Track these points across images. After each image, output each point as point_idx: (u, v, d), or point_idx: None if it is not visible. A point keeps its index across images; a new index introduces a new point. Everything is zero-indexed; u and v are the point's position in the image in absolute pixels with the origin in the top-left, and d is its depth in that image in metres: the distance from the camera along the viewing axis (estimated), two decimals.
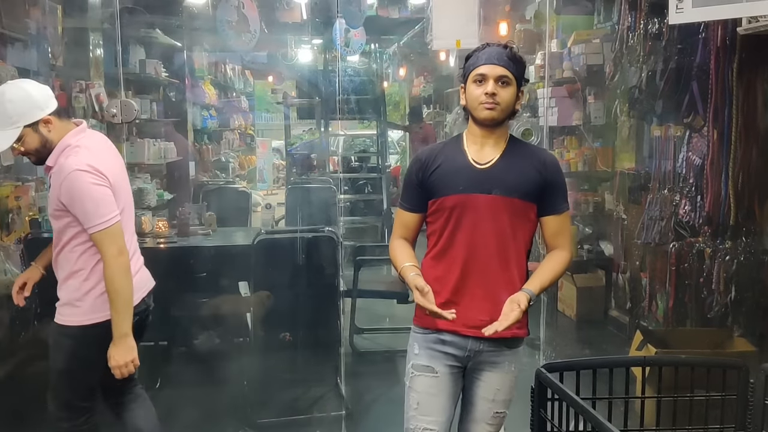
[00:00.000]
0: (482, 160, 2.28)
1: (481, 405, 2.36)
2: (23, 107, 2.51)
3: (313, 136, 8.52)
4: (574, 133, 5.88)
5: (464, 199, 2.26)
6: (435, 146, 2.40)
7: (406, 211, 2.40)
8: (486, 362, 2.33)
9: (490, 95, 2.20)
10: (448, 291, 2.28)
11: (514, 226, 2.27)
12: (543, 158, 2.33)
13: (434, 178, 2.30)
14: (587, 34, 5.53)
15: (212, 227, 4.98)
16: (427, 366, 2.32)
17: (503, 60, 2.23)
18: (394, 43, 10.16)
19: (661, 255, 4.38)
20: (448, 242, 2.29)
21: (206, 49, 7.96)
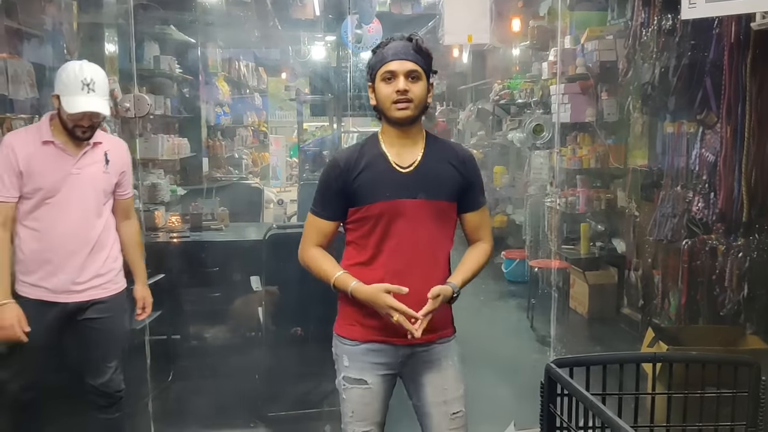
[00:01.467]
0: (404, 163, 2.22)
1: (435, 412, 2.29)
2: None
3: (325, 133, 8.53)
4: (587, 130, 5.86)
5: (391, 205, 2.19)
6: (352, 150, 2.28)
7: (321, 218, 2.29)
8: (421, 363, 2.28)
9: (402, 92, 2.13)
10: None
11: (440, 227, 2.25)
12: (462, 156, 2.29)
13: (357, 185, 2.20)
14: (600, 30, 5.50)
15: (225, 222, 5.02)
16: (358, 379, 2.27)
17: (411, 54, 2.15)
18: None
19: (673, 252, 4.35)
20: (376, 250, 2.22)
21: (220, 45, 7.99)
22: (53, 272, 2.75)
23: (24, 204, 2.73)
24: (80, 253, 2.77)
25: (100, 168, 2.81)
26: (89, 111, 2.68)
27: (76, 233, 2.77)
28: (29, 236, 2.74)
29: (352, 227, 2.26)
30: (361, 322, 2.25)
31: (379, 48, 2.22)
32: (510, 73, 7.66)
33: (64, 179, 2.73)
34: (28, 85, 4.07)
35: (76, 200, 2.75)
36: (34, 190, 2.70)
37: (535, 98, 6.37)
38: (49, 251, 2.74)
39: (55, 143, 2.73)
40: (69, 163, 2.74)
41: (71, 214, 2.75)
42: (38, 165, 2.69)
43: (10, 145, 2.70)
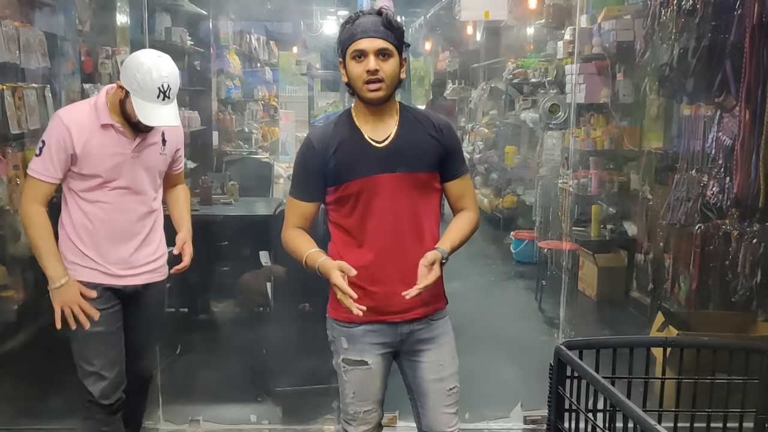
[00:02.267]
0: (379, 137, 2.18)
1: (432, 389, 2.30)
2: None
3: (336, 109, 8.49)
4: (602, 111, 5.79)
5: (369, 181, 2.16)
6: (325, 128, 2.24)
7: (300, 200, 2.26)
8: (419, 341, 2.28)
9: (372, 72, 2.08)
10: (365, 280, 2.18)
11: (423, 199, 2.22)
12: (438, 124, 2.24)
13: (333, 163, 2.17)
14: (618, 9, 5.41)
15: (234, 197, 5.01)
16: (359, 360, 2.26)
17: (380, 31, 2.09)
18: (420, 16, 10.06)
19: (686, 236, 4.32)
20: (359, 229, 2.20)
21: (231, 18, 7.92)
22: (112, 256, 2.62)
23: (79, 184, 2.58)
24: (138, 237, 2.66)
25: (157, 149, 2.66)
26: (164, 125, 2.53)
27: (134, 217, 2.65)
28: (87, 219, 2.59)
29: (333, 207, 2.24)
30: (355, 303, 2.20)
31: (347, 23, 2.15)
32: (524, 52, 7.58)
33: (123, 164, 2.57)
34: (39, 54, 4.04)
35: (134, 184, 2.61)
36: (92, 174, 2.55)
37: (549, 78, 6.29)
38: (109, 234, 2.60)
39: (115, 126, 2.54)
40: (128, 147, 2.57)
41: (129, 198, 2.62)
42: (97, 150, 2.52)
43: (65, 125, 2.51)
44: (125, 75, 2.47)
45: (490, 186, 8.40)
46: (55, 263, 2.54)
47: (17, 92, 3.77)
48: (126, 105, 2.49)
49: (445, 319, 2.34)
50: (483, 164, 8.63)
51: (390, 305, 2.20)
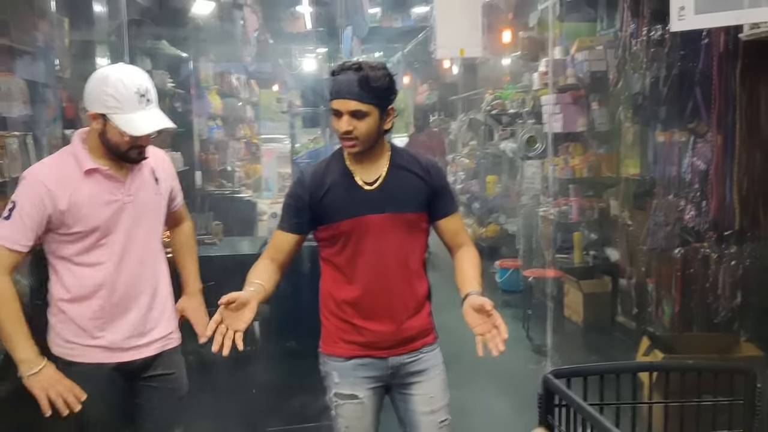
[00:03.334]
0: (370, 178, 2.25)
1: (424, 422, 2.31)
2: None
3: (317, 145, 8.55)
4: (579, 140, 5.90)
5: (359, 222, 2.22)
6: (317, 168, 2.30)
7: (282, 231, 2.29)
8: (409, 374, 2.31)
9: (345, 132, 2.15)
10: (354, 316, 2.27)
11: (410, 239, 2.28)
12: (426, 165, 2.31)
13: (325, 203, 2.23)
14: (590, 41, 5.56)
15: (219, 237, 5.01)
16: (350, 395, 2.29)
17: (354, 92, 2.11)
18: (397, 51, 10.22)
19: (666, 260, 4.38)
20: (349, 267, 2.25)
21: (212, 59, 8.02)
22: (117, 324, 2.29)
23: (72, 247, 2.23)
24: (145, 296, 2.34)
25: (151, 190, 2.34)
26: (159, 129, 2.21)
27: (141, 272, 2.32)
28: (83, 284, 2.25)
29: (324, 244, 2.30)
30: (343, 338, 2.30)
31: (331, 75, 2.22)
32: (501, 84, 7.72)
33: (120, 212, 2.25)
34: (21, 102, 4.06)
35: (136, 235, 2.30)
36: (86, 230, 2.21)
37: (526, 108, 6.41)
38: (112, 299, 2.27)
39: (101, 170, 2.22)
40: (120, 192, 2.25)
41: (132, 252, 2.29)
42: (87, 201, 2.19)
43: (42, 182, 2.16)
44: (94, 100, 2.18)
45: (473, 215, 8.48)
46: (27, 345, 2.17)
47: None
48: (108, 134, 2.19)
49: (435, 352, 2.36)
50: (465, 194, 8.72)
51: (378, 341, 2.25)
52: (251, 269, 2.31)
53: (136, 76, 2.20)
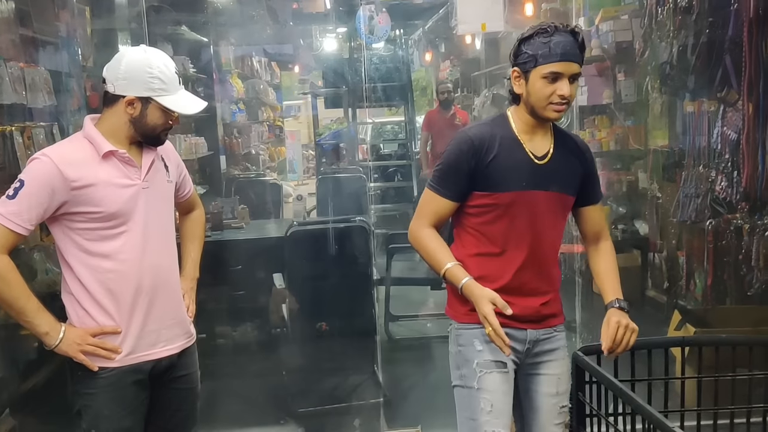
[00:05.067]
0: (539, 152, 2.13)
1: (545, 404, 2.22)
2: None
3: (341, 126, 8.55)
4: (605, 112, 5.80)
5: (523, 196, 2.11)
6: (484, 129, 2.14)
7: (443, 197, 2.14)
8: (542, 352, 2.23)
9: (563, 97, 2.02)
10: (500, 289, 2.11)
11: (561, 220, 2.21)
12: (582, 147, 2.23)
13: (491, 169, 2.10)
14: (615, 10, 5.43)
15: (245, 220, 5.05)
16: (496, 361, 2.13)
17: (577, 55, 2.03)
18: (419, 28, 10.11)
19: (698, 233, 4.32)
20: (503, 240, 2.14)
21: (232, 43, 8.01)
22: (142, 320, 2.19)
23: (90, 235, 2.13)
24: (167, 288, 2.25)
25: (164, 177, 2.28)
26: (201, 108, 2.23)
27: (162, 263, 2.24)
28: (102, 280, 2.14)
29: (474, 212, 2.16)
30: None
31: (538, 36, 2.04)
32: None
33: (136, 197, 2.16)
34: (45, 92, 4.10)
35: (154, 222, 2.21)
36: (104, 214, 2.11)
37: None
38: (134, 293, 2.17)
39: (118, 154, 2.15)
40: (136, 177, 2.18)
41: (153, 241, 2.20)
42: (104, 183, 2.11)
43: (55, 164, 2.07)
44: (136, 84, 2.12)
45: None
46: (44, 318, 2.11)
47: (26, 132, 3.82)
48: (147, 117, 2.14)
49: (564, 333, 2.30)
50: None
51: (522, 316, 2.14)
52: (430, 244, 2.15)
53: (166, 58, 2.19)
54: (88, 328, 2.14)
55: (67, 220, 2.12)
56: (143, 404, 2.24)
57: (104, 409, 2.16)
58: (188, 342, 2.34)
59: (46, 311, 2.13)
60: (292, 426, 3.70)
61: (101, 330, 2.14)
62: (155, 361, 2.22)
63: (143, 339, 2.19)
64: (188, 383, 2.35)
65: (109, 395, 2.16)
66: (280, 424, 3.71)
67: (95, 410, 2.17)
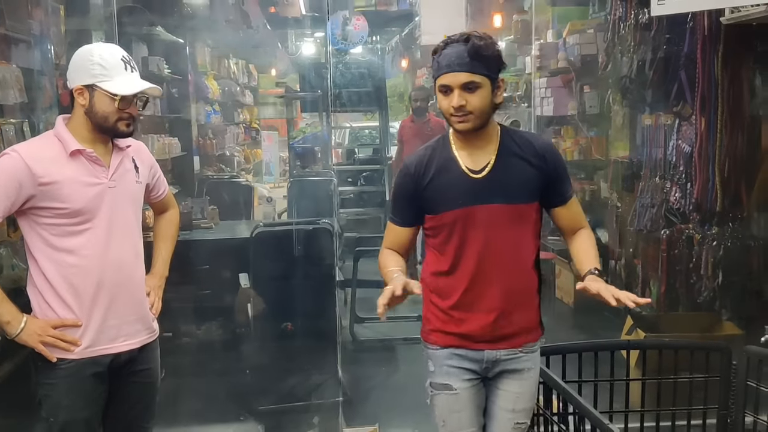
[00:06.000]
0: (477, 166, 2.11)
1: (501, 416, 2.21)
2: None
3: (315, 129, 8.61)
4: (570, 123, 5.94)
5: (464, 212, 2.10)
6: (422, 154, 2.18)
7: (396, 225, 2.23)
8: (505, 370, 2.20)
9: (457, 108, 2.02)
10: (454, 307, 2.16)
11: (520, 230, 2.14)
12: (540, 149, 2.14)
13: (429, 192, 2.13)
14: (581, 24, 5.58)
15: (215, 221, 5.09)
16: (444, 384, 2.19)
17: (465, 64, 2.00)
18: (395, 35, 10.22)
19: (652, 242, 4.45)
20: (456, 258, 2.14)
21: (209, 44, 8.05)
22: (102, 315, 2.24)
23: (54, 230, 2.19)
24: (129, 285, 2.31)
25: (132, 178, 2.33)
26: (146, 89, 2.25)
27: (125, 261, 2.28)
28: (70, 276, 2.20)
29: (430, 233, 2.20)
30: (441, 328, 2.20)
31: (435, 53, 2.08)
32: None
33: (102, 195, 2.22)
34: (16, 89, 4.13)
35: (118, 220, 2.26)
36: (69, 210, 2.17)
37: (519, 92, 6.45)
38: (96, 288, 2.22)
39: (85, 153, 2.21)
40: (103, 176, 2.24)
41: (116, 239, 2.25)
42: (69, 181, 2.17)
43: (23, 160, 2.14)
44: (80, 72, 2.21)
45: None
46: (7, 306, 2.18)
47: None
48: (96, 106, 2.20)
49: (535, 354, 2.25)
50: None
51: (476, 334, 2.15)
52: (382, 261, 2.23)
53: (113, 47, 2.27)
54: (49, 320, 2.20)
55: (34, 215, 2.18)
56: (101, 396, 2.29)
57: (63, 399, 2.23)
58: (150, 337, 2.39)
59: (9, 301, 2.19)
60: (252, 423, 3.75)
61: (62, 322, 2.20)
62: (114, 354, 2.27)
63: (103, 333, 2.24)
64: (148, 377, 2.40)
65: (67, 386, 2.22)
66: (240, 420, 3.77)
67: (54, 400, 2.23)
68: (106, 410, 2.33)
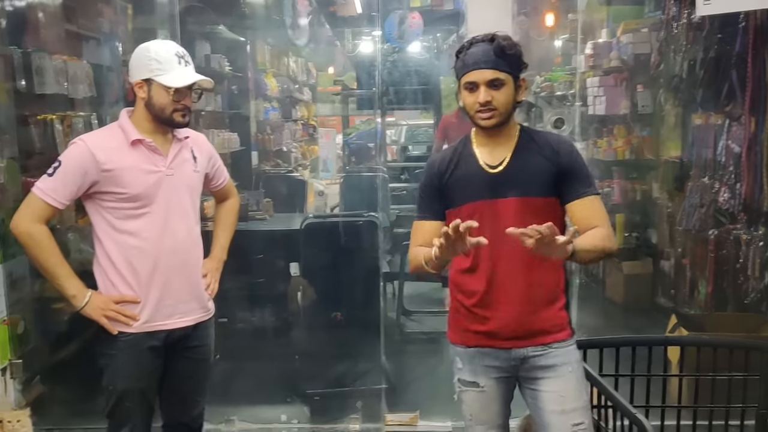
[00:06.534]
0: (494, 161, 2.17)
1: (554, 422, 2.17)
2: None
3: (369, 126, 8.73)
4: (623, 122, 5.91)
5: (480, 206, 2.14)
6: (446, 151, 2.28)
7: (423, 220, 2.27)
8: (536, 368, 2.19)
9: (483, 104, 2.08)
10: (478, 305, 2.19)
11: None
12: (555, 146, 2.18)
13: (449, 186, 2.20)
14: (636, 23, 5.54)
15: (269, 213, 5.27)
16: (471, 382, 2.24)
17: (491, 61, 2.07)
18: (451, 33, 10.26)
19: (701, 242, 4.42)
20: (475, 255, 2.15)
21: (269, 42, 8.26)
22: (159, 293, 2.42)
23: (117, 213, 2.38)
24: (184, 267, 2.46)
25: (190, 167, 2.49)
26: (199, 82, 2.41)
27: (180, 244, 2.44)
28: (126, 255, 2.39)
29: None
30: (467, 327, 2.23)
31: (460, 52, 2.15)
32: (551, 66, 7.71)
33: (160, 182, 2.39)
34: (86, 84, 4.38)
35: (175, 206, 2.42)
36: (129, 195, 2.35)
37: (572, 90, 6.43)
38: (153, 269, 2.40)
39: (145, 142, 2.38)
40: (162, 164, 2.40)
41: (173, 223, 2.42)
42: (130, 169, 2.35)
43: (89, 149, 2.33)
44: (139, 68, 2.38)
45: None
46: (74, 281, 2.39)
47: (66, 120, 4.10)
48: (153, 98, 2.36)
49: (567, 349, 2.21)
50: None
51: (501, 331, 2.17)
52: (413, 253, 2.23)
53: (169, 43, 2.45)
54: (112, 295, 2.40)
55: (98, 199, 2.38)
56: (157, 369, 2.48)
57: (121, 369, 2.43)
58: (204, 316, 2.55)
59: (75, 277, 2.40)
60: (299, 405, 3.92)
61: (122, 298, 2.40)
62: (169, 330, 2.45)
63: (159, 310, 2.42)
64: (201, 354, 2.56)
65: (126, 357, 2.42)
66: (288, 402, 3.93)
67: (113, 369, 2.44)
68: (161, 383, 2.52)
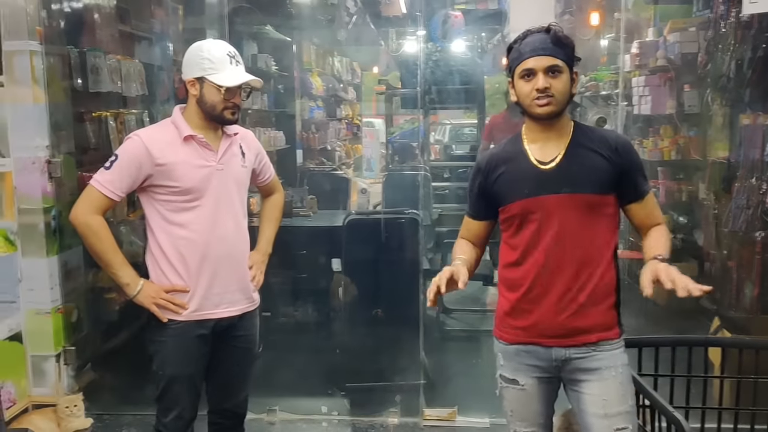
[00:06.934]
0: (546, 158, 2.12)
1: (596, 425, 2.13)
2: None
3: (413, 125, 8.78)
4: (669, 122, 5.84)
5: (532, 203, 2.11)
6: (494, 151, 2.26)
7: (468, 217, 2.31)
8: (579, 370, 2.15)
9: (541, 90, 2.04)
10: (523, 300, 2.16)
11: (593, 222, 2.11)
12: (612, 142, 2.13)
13: (498, 185, 2.17)
14: (683, 22, 5.47)
15: (313, 210, 5.38)
16: (512, 379, 2.22)
17: (549, 48, 2.06)
18: (495, 33, 10.24)
19: (747, 244, 4.35)
20: (523, 249, 2.15)
21: (314, 42, 8.37)
22: (207, 283, 2.51)
23: (168, 206, 2.48)
24: (231, 259, 2.55)
25: (239, 162, 2.57)
26: (249, 81, 2.48)
27: (228, 236, 2.53)
28: (177, 246, 2.48)
29: (503, 227, 2.23)
30: (510, 324, 2.21)
31: (515, 43, 2.14)
32: (596, 65, 7.65)
33: (210, 176, 2.48)
34: (138, 83, 4.54)
35: (224, 200, 2.51)
36: (181, 189, 2.45)
37: (617, 90, 6.38)
38: (201, 260, 2.49)
39: (197, 138, 2.47)
40: (212, 159, 2.49)
41: (222, 216, 2.50)
42: (182, 163, 2.44)
43: (144, 143, 2.43)
44: (192, 67, 2.45)
45: None
46: (128, 270, 2.48)
47: (119, 118, 4.26)
48: (205, 96, 2.44)
49: (614, 352, 2.16)
50: None
51: (544, 328, 2.15)
52: (455, 249, 2.29)
53: (221, 43, 2.51)
54: (163, 285, 2.50)
55: (152, 192, 2.48)
56: (204, 356, 2.57)
57: (170, 355, 2.53)
58: (250, 306, 2.64)
59: (129, 266, 2.50)
60: (339, 398, 3.98)
61: (173, 287, 2.51)
62: (217, 319, 2.54)
63: (207, 300, 2.51)
64: (246, 343, 2.65)
65: (175, 344, 2.52)
66: (328, 395, 4.00)
67: (163, 355, 2.54)
68: (208, 369, 2.61)
